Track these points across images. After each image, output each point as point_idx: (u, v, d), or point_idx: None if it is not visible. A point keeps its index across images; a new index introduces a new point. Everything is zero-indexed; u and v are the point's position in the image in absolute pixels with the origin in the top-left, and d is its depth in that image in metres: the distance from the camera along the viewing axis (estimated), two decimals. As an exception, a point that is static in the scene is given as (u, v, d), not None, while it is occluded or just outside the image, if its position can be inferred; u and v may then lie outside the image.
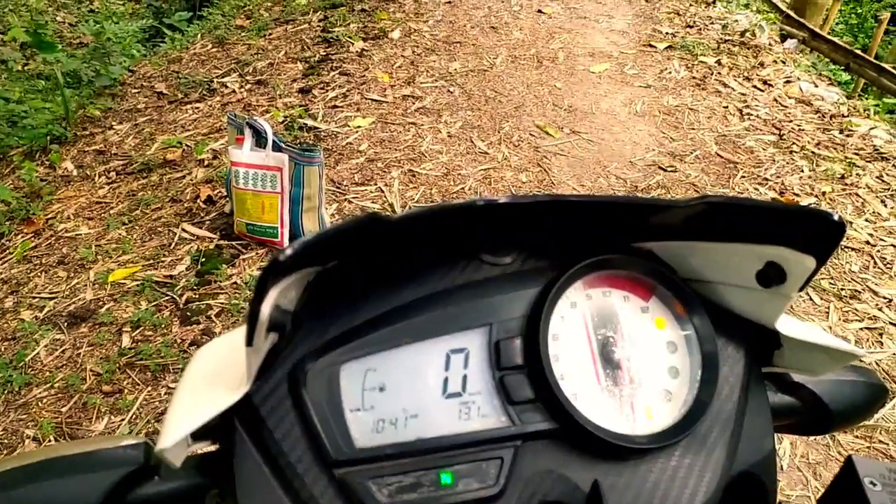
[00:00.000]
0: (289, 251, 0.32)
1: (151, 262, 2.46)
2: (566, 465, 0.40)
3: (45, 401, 1.89)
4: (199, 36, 5.01)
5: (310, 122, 3.41)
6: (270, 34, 4.72)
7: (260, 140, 2.40)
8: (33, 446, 1.72)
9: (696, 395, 0.42)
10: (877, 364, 2.23)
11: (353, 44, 4.43)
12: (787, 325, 0.45)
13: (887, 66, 5.34)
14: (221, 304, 2.21)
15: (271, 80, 3.96)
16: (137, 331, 2.12)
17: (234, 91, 3.89)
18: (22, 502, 0.38)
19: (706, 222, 0.42)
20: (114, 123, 3.63)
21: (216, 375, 0.40)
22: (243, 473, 0.38)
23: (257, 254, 2.48)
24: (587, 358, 0.43)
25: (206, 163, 3.14)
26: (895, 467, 0.36)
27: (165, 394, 1.85)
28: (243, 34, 4.78)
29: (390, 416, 0.39)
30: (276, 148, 2.40)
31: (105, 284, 2.27)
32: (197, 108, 3.75)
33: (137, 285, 2.27)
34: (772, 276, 0.42)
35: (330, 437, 0.38)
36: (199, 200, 2.81)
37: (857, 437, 1.95)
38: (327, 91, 3.81)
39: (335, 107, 3.65)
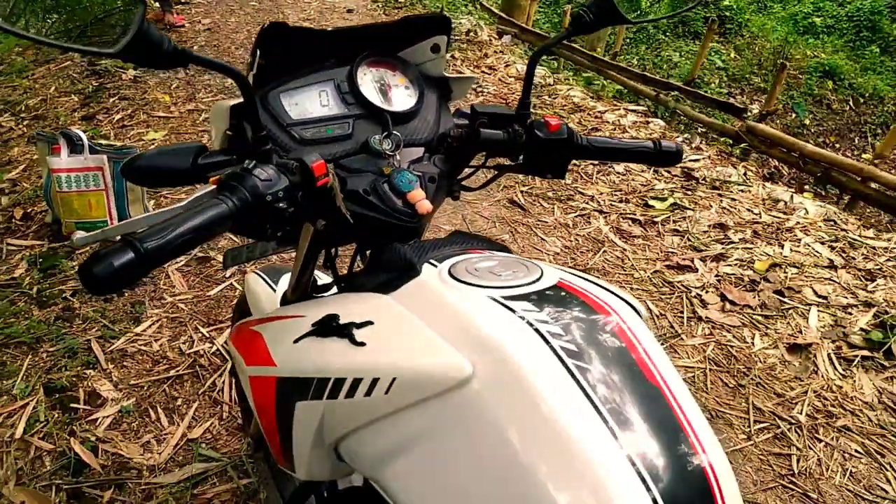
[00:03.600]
0: (268, 25, 0.89)
1: (-18, 277, 2.62)
2: (375, 126, 1.01)
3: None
4: (-53, 86, 4.84)
5: (103, 142, 3.64)
6: (33, 74, 4.74)
7: (75, 147, 2.71)
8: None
9: (417, 97, 1.06)
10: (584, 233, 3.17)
11: (124, 72, 4.66)
12: (449, 76, 1.11)
13: (577, 47, 6.79)
14: (74, 287, 2.48)
15: (49, 112, 4.08)
16: (-6, 326, 2.32)
17: (11, 128, 3.95)
18: (143, 167, 0.88)
19: (413, 33, 1.06)
20: None
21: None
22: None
23: (92, 248, 2.75)
24: (375, 90, 1.04)
25: (7, 191, 3.26)
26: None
27: (48, 357, 2.13)
28: (2, 78, 4.74)
29: (304, 111, 0.97)
30: (93, 151, 2.72)
31: (-54, 297, 2.42)
32: (-26, 148, 3.77)
33: (-19, 292, 2.45)
34: (436, 49, 1.08)
35: (281, 117, 0.95)
36: (14, 220, 2.98)
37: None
38: (112, 115, 4.04)
39: (124, 126, 3.91)
